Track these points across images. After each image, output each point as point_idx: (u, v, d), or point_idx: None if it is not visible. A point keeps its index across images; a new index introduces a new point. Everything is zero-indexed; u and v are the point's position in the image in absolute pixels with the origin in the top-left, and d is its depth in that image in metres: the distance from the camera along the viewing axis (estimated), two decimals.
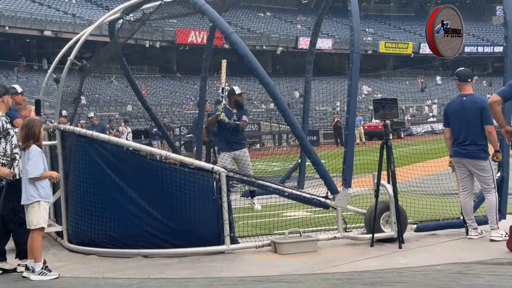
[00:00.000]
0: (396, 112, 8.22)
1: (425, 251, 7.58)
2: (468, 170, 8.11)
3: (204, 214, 7.72)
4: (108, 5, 49.25)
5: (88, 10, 51.01)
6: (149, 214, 7.76)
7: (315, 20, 12.75)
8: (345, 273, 6.65)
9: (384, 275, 6.46)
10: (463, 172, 8.16)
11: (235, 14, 53.07)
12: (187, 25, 36.93)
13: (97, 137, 8.06)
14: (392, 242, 7.84)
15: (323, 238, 7.98)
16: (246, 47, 7.96)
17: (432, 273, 6.44)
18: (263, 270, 6.92)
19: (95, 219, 7.99)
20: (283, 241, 7.69)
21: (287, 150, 17.74)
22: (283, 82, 34.24)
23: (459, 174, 8.28)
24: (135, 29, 10.94)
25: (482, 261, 6.87)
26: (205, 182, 7.71)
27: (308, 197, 8.16)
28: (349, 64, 8.24)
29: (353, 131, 8.45)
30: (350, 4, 8.29)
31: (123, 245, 7.84)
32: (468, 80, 8.20)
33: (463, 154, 8.02)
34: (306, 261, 7.24)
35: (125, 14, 10.04)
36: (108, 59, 12.89)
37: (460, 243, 7.93)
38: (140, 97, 13.37)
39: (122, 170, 7.89)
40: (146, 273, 6.98)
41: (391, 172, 7.92)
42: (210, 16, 8.20)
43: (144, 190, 7.82)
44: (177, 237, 7.74)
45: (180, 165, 7.86)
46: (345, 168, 8.12)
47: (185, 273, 6.93)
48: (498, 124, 7.30)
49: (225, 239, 7.67)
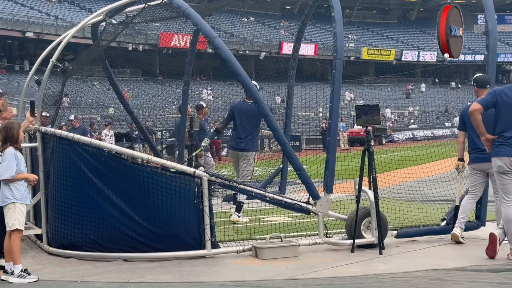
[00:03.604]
0: (378, 119, 8.25)
1: (405, 257, 7.61)
2: (484, 177, 8.13)
3: (185, 218, 7.70)
4: (91, 7, 49.05)
5: (71, 12, 50.76)
6: (130, 217, 7.73)
7: (299, 26, 12.79)
8: (325, 278, 6.65)
9: (364, 281, 6.48)
10: (478, 178, 8.17)
11: (218, 18, 52.95)
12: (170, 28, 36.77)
13: (78, 140, 8.02)
14: (373, 248, 7.87)
15: (304, 244, 7.98)
16: (229, 52, 7.96)
17: (412, 279, 6.47)
18: (244, 275, 6.91)
19: (75, 222, 7.94)
20: (264, 246, 7.69)
21: (269, 155, 17.74)
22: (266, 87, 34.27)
23: (472, 180, 8.25)
24: (118, 32, 10.90)
25: (461, 267, 6.91)
26: (187, 186, 7.69)
27: (290, 202, 8.17)
28: (332, 70, 8.26)
29: (335, 137, 8.47)
30: (333, 10, 8.33)
31: (103, 248, 7.80)
32: (486, 86, 8.13)
33: (483, 159, 7.92)
34: (287, 266, 7.24)
35: (108, 16, 10.00)
36: (90, 61, 12.82)
37: (440, 250, 7.98)
38: (122, 100, 13.32)
39: (103, 173, 7.85)
40: (126, 277, 6.94)
41: (373, 178, 7.95)
42: (193, 20, 8.20)
43: (125, 194, 7.79)
44: (158, 241, 7.72)
45: (161, 168, 7.84)
46: (327, 174, 8.14)
47: (165, 277, 6.90)
48: (478, 132, 7.35)
49: (206, 243, 7.66)
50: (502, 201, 7.26)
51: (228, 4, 15.98)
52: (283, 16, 60.20)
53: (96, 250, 7.83)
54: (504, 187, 7.20)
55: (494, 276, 6.44)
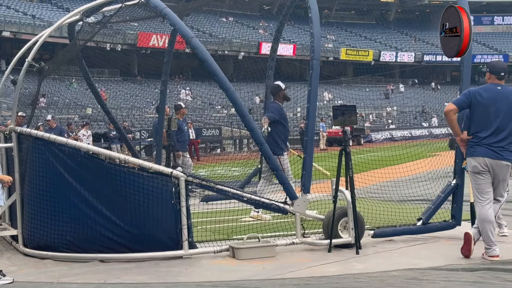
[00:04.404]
0: (355, 119, 8.30)
1: (382, 256, 7.66)
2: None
3: (162, 219, 7.68)
4: (69, 7, 48.72)
5: (48, 12, 50.40)
6: (107, 218, 7.69)
7: (277, 26, 12.80)
8: (302, 278, 6.67)
9: (341, 280, 6.51)
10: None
11: (197, 18, 52.93)
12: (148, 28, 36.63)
13: (55, 140, 7.97)
14: (350, 247, 7.91)
15: (282, 244, 8.00)
16: (206, 52, 7.95)
17: (388, 279, 6.51)
18: (221, 275, 6.91)
19: (51, 223, 7.88)
20: (241, 246, 7.69)
21: (246, 155, 17.76)
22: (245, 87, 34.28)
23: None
24: (95, 32, 10.83)
25: (437, 267, 6.97)
26: (164, 186, 7.67)
27: (267, 202, 8.19)
28: (309, 71, 8.29)
29: (313, 137, 8.49)
30: (310, 11, 8.36)
31: (79, 249, 7.75)
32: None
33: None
34: (264, 266, 7.25)
35: (85, 16, 9.94)
36: (67, 61, 12.74)
37: (416, 249, 8.04)
38: (100, 100, 13.23)
39: (80, 173, 7.80)
40: (102, 278, 6.91)
41: (350, 178, 7.98)
42: (171, 20, 8.18)
43: (101, 194, 7.75)
44: (135, 241, 7.69)
45: (139, 169, 7.81)
46: (304, 174, 8.17)
47: (142, 278, 6.88)
48: (453, 132, 7.42)
49: (183, 244, 7.64)
50: (477, 201, 7.34)
51: (207, 4, 15.95)
52: (261, 16, 60.29)
53: (72, 251, 7.78)
54: (478, 187, 7.28)
55: (469, 275, 6.50)
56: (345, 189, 8.02)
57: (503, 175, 7.25)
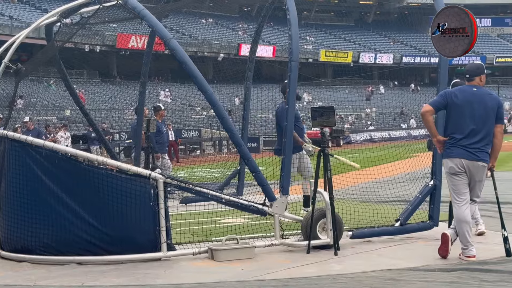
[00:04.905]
0: (333, 120, 8.34)
1: (360, 257, 7.69)
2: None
3: (141, 221, 7.65)
4: (47, 8, 48.34)
5: (26, 13, 49.99)
6: (85, 220, 7.64)
7: (256, 27, 12.83)
8: (281, 279, 6.68)
9: (320, 281, 6.53)
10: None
11: (177, 20, 52.88)
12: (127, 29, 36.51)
13: (31, 142, 7.90)
14: (328, 249, 7.93)
15: (260, 245, 8.01)
16: (185, 53, 7.95)
17: (366, 280, 6.54)
18: (200, 277, 6.91)
19: (29, 226, 7.81)
20: (220, 248, 7.69)
21: (225, 157, 17.76)
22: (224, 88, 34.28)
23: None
24: (73, 33, 10.79)
25: (414, 267, 7.02)
26: (142, 188, 7.64)
27: (246, 204, 8.20)
28: (288, 72, 8.33)
29: (291, 139, 8.51)
30: (289, 13, 8.39)
31: (57, 252, 7.69)
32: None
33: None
34: (243, 268, 7.25)
35: (63, 17, 9.88)
36: (45, 62, 12.66)
37: (394, 250, 8.09)
38: (78, 101, 13.17)
39: (57, 175, 7.75)
40: (80, 280, 6.87)
41: (328, 179, 8.02)
42: (149, 22, 8.16)
43: (79, 196, 7.70)
44: (113, 243, 7.65)
45: (117, 171, 7.78)
46: (283, 175, 8.18)
47: (120, 281, 6.85)
48: (430, 133, 7.49)
49: (162, 246, 7.62)
50: (454, 202, 7.40)
51: (186, 5, 15.95)
52: (241, 18, 60.38)
53: (50, 253, 7.72)
54: (455, 187, 7.35)
55: (446, 275, 6.55)
56: (324, 191, 8.06)
57: (479, 176, 7.32)
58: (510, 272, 6.55)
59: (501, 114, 7.44)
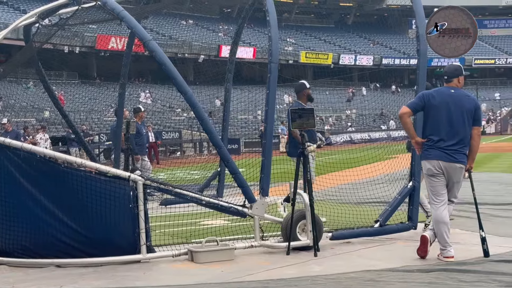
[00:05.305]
0: (312, 122, 8.35)
1: (340, 258, 7.71)
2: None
3: (120, 223, 7.62)
4: (26, 9, 47.97)
5: (4, 13, 49.57)
6: (63, 222, 7.59)
7: (236, 29, 12.83)
8: (261, 281, 6.68)
9: (299, 283, 6.54)
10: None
11: (157, 21, 52.73)
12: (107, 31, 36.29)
13: (9, 144, 7.83)
14: (308, 250, 7.94)
15: (240, 247, 8.00)
16: (164, 55, 7.93)
17: (345, 281, 6.56)
18: (179, 279, 6.89)
19: (7, 228, 7.73)
20: (200, 250, 7.67)
21: (206, 159, 17.74)
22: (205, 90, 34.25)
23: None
24: (52, 34, 10.73)
25: (393, 268, 7.05)
26: (122, 190, 7.61)
27: (226, 205, 8.19)
28: (268, 74, 8.34)
29: (271, 140, 8.54)
30: (268, 14, 8.41)
31: (35, 254, 7.63)
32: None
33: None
34: (223, 269, 7.25)
35: (41, 18, 9.82)
36: (23, 64, 12.57)
37: (373, 251, 8.12)
38: (56, 103, 13.09)
39: (36, 178, 7.68)
40: (59, 283, 6.82)
41: (307, 181, 8.03)
42: (128, 23, 8.14)
43: (58, 199, 7.64)
44: (92, 246, 7.61)
45: (96, 173, 7.74)
46: (263, 177, 8.19)
47: (99, 283, 6.81)
48: (408, 135, 7.53)
49: (141, 248, 7.59)
50: (432, 203, 7.45)
51: (166, 6, 15.92)
52: (221, 19, 60.37)
53: (29, 256, 7.65)
54: (433, 189, 7.40)
55: (424, 276, 6.59)
56: (303, 192, 8.07)
57: (457, 177, 7.37)
58: (488, 273, 6.60)
59: (479, 116, 7.49)
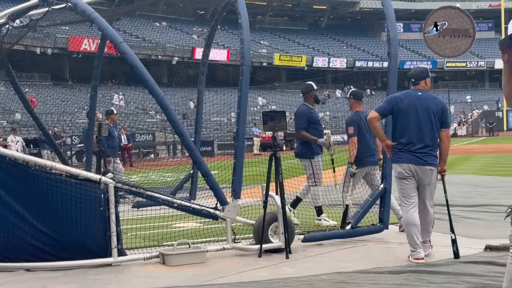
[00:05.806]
0: (284, 124, 8.37)
1: (311, 261, 7.73)
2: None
3: (91, 226, 7.56)
4: None
5: None
6: (33, 226, 7.51)
7: (208, 31, 12.83)
8: (232, 284, 6.68)
9: (271, 285, 6.55)
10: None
11: (131, 22, 52.54)
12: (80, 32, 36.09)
13: None
14: (280, 252, 7.95)
15: (212, 249, 7.99)
16: (135, 57, 7.89)
17: (317, 283, 6.58)
18: (151, 282, 6.85)
19: None
20: (171, 253, 7.65)
21: (178, 161, 17.69)
22: (179, 92, 34.15)
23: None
24: (22, 35, 10.63)
25: (364, 270, 7.08)
26: (92, 193, 7.56)
27: (198, 208, 8.17)
28: (240, 76, 8.35)
29: (243, 143, 8.54)
30: (240, 17, 8.42)
31: (4, 258, 7.53)
32: (361, 99, 8.48)
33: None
34: (194, 272, 7.23)
35: (11, 19, 9.72)
36: None
37: (344, 253, 8.15)
38: (27, 105, 12.97)
39: (4, 180, 7.59)
40: (28, 287, 6.75)
41: (279, 183, 8.05)
42: (99, 25, 8.08)
43: (27, 201, 7.56)
44: (63, 249, 7.53)
45: (66, 175, 7.67)
46: (235, 179, 8.19)
47: (69, 287, 6.75)
48: (379, 139, 7.58)
49: (113, 251, 7.53)
50: (403, 205, 7.50)
51: (139, 8, 15.84)
52: (195, 21, 60.27)
53: None
54: (404, 191, 7.45)
55: (395, 277, 6.64)
56: (275, 194, 8.08)
57: (427, 180, 7.42)
58: (457, 274, 6.66)
59: (446, 118, 7.55)
